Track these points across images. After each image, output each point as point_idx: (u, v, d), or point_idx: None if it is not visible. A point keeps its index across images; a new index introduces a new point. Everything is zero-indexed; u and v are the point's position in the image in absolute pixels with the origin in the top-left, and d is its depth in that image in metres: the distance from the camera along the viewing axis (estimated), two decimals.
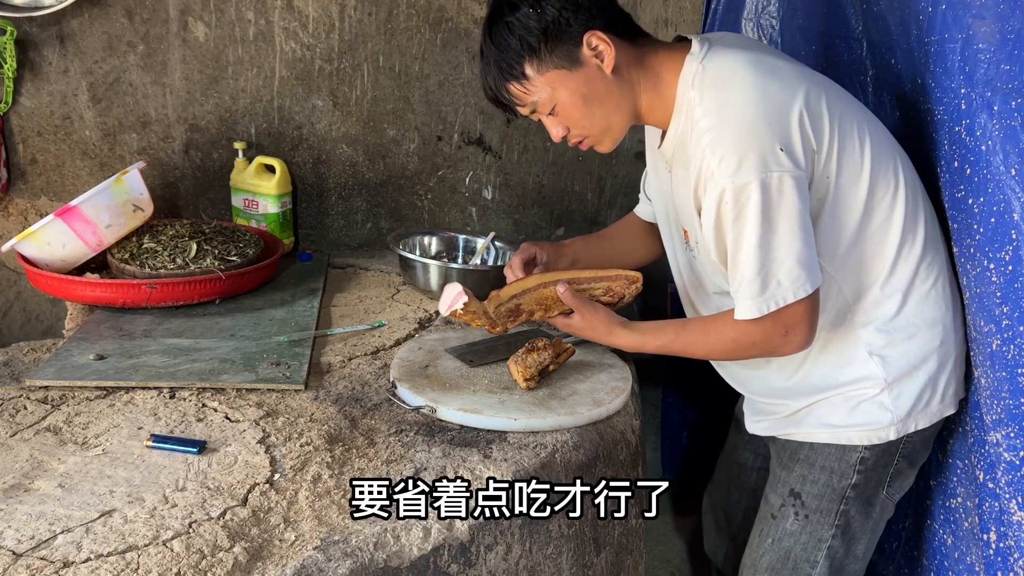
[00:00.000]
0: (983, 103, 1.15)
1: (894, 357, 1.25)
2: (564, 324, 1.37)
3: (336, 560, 1.00)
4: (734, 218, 1.14)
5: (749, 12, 1.99)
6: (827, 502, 1.32)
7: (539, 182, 2.30)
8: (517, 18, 1.18)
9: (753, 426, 1.44)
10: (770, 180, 1.11)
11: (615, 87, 1.22)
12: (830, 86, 1.24)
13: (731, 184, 1.12)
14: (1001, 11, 1.12)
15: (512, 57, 1.20)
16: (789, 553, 1.35)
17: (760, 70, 1.17)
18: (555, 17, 1.17)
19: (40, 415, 1.29)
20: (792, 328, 1.19)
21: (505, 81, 1.23)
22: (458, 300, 1.35)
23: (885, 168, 1.22)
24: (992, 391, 1.18)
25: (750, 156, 1.11)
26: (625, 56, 1.22)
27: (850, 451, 1.29)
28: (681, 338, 1.30)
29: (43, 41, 1.96)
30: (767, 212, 1.12)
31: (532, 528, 1.21)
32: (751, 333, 1.21)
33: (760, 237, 1.13)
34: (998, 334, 1.15)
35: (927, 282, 1.25)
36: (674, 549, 2.32)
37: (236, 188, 2.08)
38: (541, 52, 1.19)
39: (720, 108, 1.15)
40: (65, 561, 0.95)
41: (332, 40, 2.09)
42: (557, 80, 1.21)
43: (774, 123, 1.13)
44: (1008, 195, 1.10)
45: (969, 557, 1.27)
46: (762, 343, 1.21)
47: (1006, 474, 1.13)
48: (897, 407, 1.26)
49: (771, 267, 1.14)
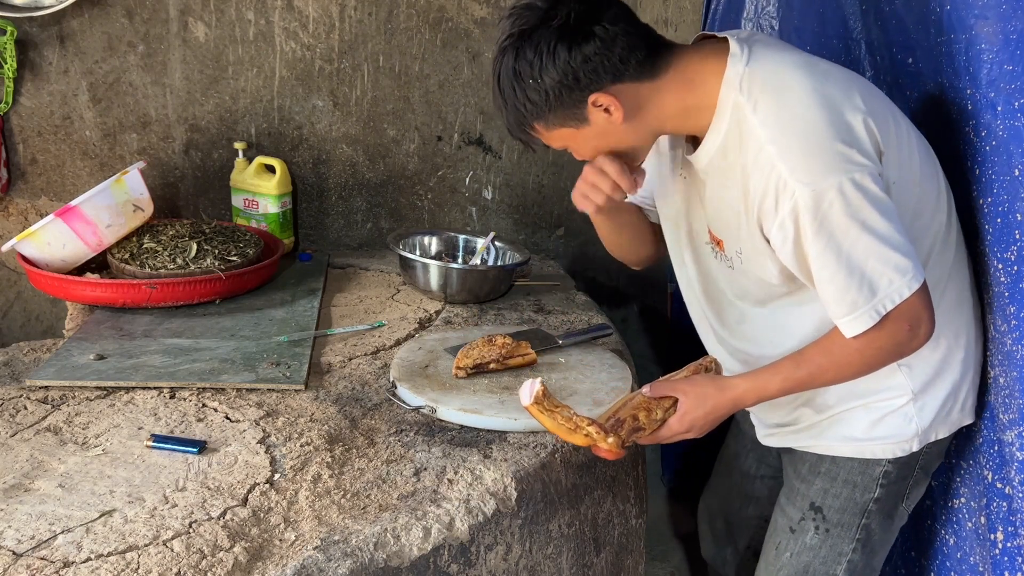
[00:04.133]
0: (987, 103, 1.15)
1: (920, 367, 1.22)
2: (679, 418, 1.21)
3: (336, 560, 1.00)
4: (817, 229, 1.06)
5: (749, 12, 1.98)
6: (849, 516, 1.29)
7: (539, 182, 2.30)
8: (521, 86, 1.14)
9: (767, 438, 1.40)
10: (849, 182, 1.05)
11: (630, 129, 1.17)
12: (874, 89, 1.21)
13: (809, 193, 1.05)
14: (1003, 11, 1.12)
15: (520, 115, 1.17)
16: (808, 567, 1.32)
17: (813, 73, 1.11)
18: (556, 88, 1.12)
19: (40, 415, 1.29)
20: (915, 322, 1.11)
21: (517, 132, 1.22)
22: (533, 387, 1.19)
23: (930, 174, 1.19)
24: (1008, 391, 1.17)
25: (823, 162, 1.05)
26: (641, 98, 1.15)
27: (873, 465, 1.26)
28: (803, 367, 1.19)
29: (43, 41, 1.96)
30: (855, 215, 1.05)
31: (532, 528, 1.21)
32: (876, 339, 1.12)
33: (853, 242, 1.06)
34: (1010, 333, 1.15)
35: (955, 290, 1.22)
36: (674, 549, 2.32)
37: (236, 188, 2.08)
38: (547, 115, 1.16)
39: (780, 115, 1.09)
40: (65, 561, 0.95)
41: (332, 40, 2.09)
42: (567, 135, 1.19)
43: (839, 126, 1.07)
44: (1013, 195, 1.10)
45: (973, 557, 1.27)
46: (889, 345, 1.13)
47: (1019, 473, 1.13)
48: (921, 418, 1.23)
49: (876, 268, 1.07)
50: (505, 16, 1.14)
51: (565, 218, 2.35)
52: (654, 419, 1.19)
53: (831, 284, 1.09)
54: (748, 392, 1.20)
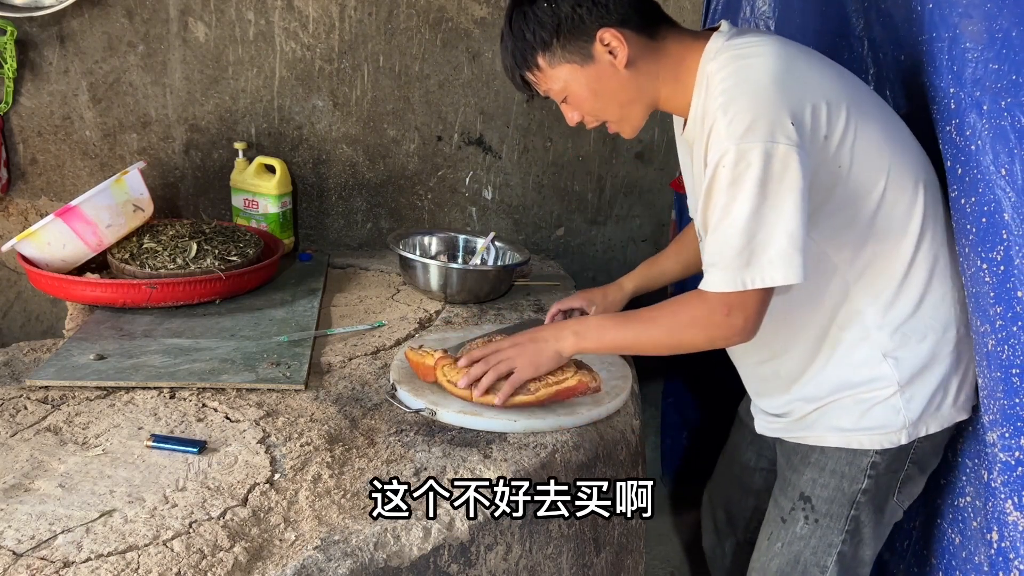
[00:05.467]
0: (972, 102, 1.14)
1: (907, 359, 1.23)
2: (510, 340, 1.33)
3: (336, 560, 1.00)
4: (729, 183, 1.08)
5: (745, 12, 1.99)
6: (837, 506, 1.30)
7: (539, 182, 2.30)
8: (534, 10, 1.20)
9: (763, 429, 1.42)
10: (775, 151, 1.06)
11: (629, 82, 1.22)
12: (857, 82, 1.23)
13: (735, 147, 1.07)
14: (988, 10, 1.12)
15: (526, 48, 1.22)
16: (799, 557, 1.34)
17: (789, 47, 1.15)
18: (569, 13, 1.18)
19: (40, 415, 1.29)
20: (750, 314, 1.13)
21: (519, 70, 1.26)
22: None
23: (906, 169, 1.20)
24: (989, 391, 1.18)
25: (760, 122, 1.07)
26: (642, 49, 1.21)
27: (861, 455, 1.27)
28: (632, 318, 1.26)
29: (43, 41, 1.96)
30: (766, 183, 1.07)
31: (532, 528, 1.21)
32: (700, 307, 1.16)
33: (754, 208, 1.08)
34: (993, 334, 1.15)
35: (944, 285, 1.24)
36: (674, 549, 2.32)
37: (236, 188, 2.08)
38: (553, 46, 1.21)
39: (737, 76, 1.12)
40: (65, 561, 0.95)
41: (332, 40, 2.09)
42: (569, 74, 1.22)
43: (790, 95, 1.10)
44: (998, 195, 1.10)
45: (977, 556, 1.27)
46: (704, 319, 1.16)
47: (1002, 474, 1.13)
48: (909, 410, 1.24)
49: (762, 241, 1.09)
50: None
51: (565, 218, 2.35)
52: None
53: (717, 232, 1.11)
54: (578, 330, 1.29)
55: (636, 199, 2.36)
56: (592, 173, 2.31)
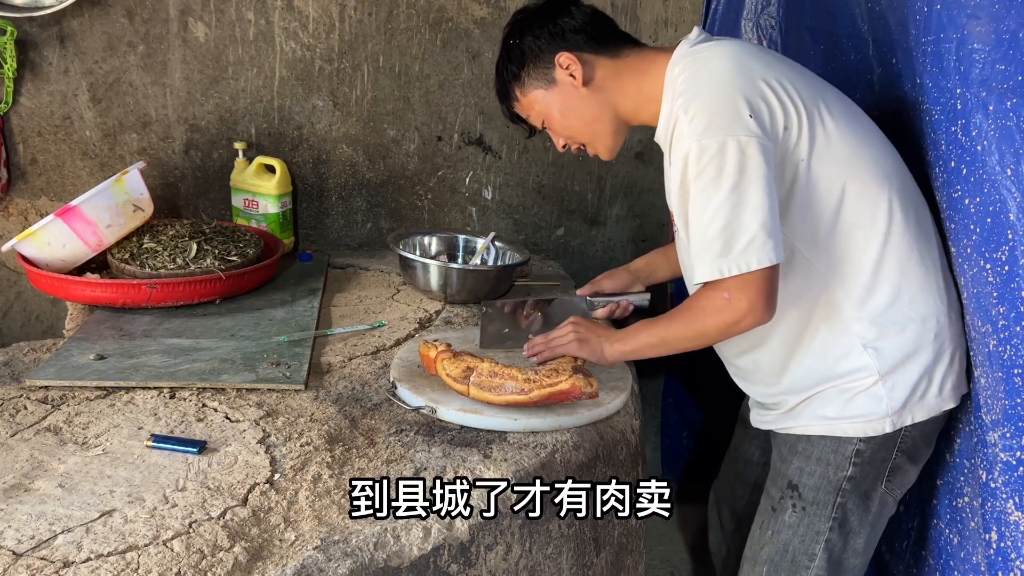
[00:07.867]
0: (979, 103, 1.15)
1: (888, 349, 1.26)
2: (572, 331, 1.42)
3: (336, 560, 1.00)
4: (695, 177, 1.15)
5: (748, 12, 1.99)
6: (823, 494, 1.32)
7: (539, 182, 2.30)
8: (505, 51, 1.38)
9: (756, 421, 1.45)
10: (735, 143, 1.13)
11: (591, 98, 1.34)
12: (819, 81, 1.28)
13: (697, 143, 1.14)
14: (996, 11, 1.12)
15: (503, 84, 1.41)
16: (788, 545, 1.36)
17: (746, 47, 1.24)
18: (531, 45, 1.34)
19: (40, 415, 1.29)
20: (752, 294, 1.17)
21: (504, 104, 1.43)
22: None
23: (871, 165, 1.23)
24: (991, 391, 1.18)
25: (718, 117, 1.14)
26: (602, 69, 1.33)
27: (845, 443, 1.30)
28: (661, 320, 1.33)
29: (43, 41, 1.96)
30: (732, 174, 1.13)
31: (532, 528, 1.21)
32: (705, 297, 1.21)
33: (724, 198, 1.14)
34: (995, 334, 1.15)
35: (922, 277, 1.26)
36: (674, 549, 2.32)
37: (236, 188, 2.08)
38: (522, 77, 1.37)
39: (697, 73, 1.20)
40: (65, 561, 0.95)
41: (332, 40, 2.09)
42: (541, 98, 1.37)
43: (746, 90, 1.16)
44: (1004, 195, 1.10)
45: (975, 557, 1.27)
46: (710, 307, 1.21)
47: (1003, 474, 1.13)
48: (892, 398, 1.26)
49: (735, 230, 1.14)
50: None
51: (565, 218, 2.35)
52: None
53: (694, 226, 1.18)
54: (621, 336, 1.38)
55: (636, 199, 2.36)
56: (592, 173, 2.31)
